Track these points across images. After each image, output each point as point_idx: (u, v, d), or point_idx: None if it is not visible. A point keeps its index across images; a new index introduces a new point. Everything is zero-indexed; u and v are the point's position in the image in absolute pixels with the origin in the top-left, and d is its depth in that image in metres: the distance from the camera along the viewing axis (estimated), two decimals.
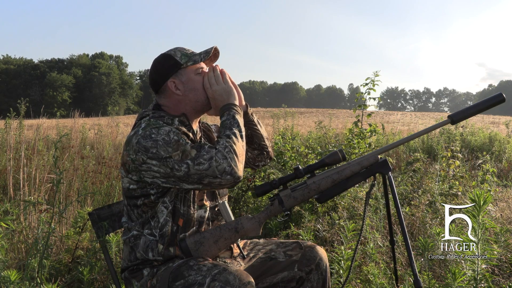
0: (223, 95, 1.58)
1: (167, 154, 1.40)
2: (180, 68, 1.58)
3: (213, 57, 1.66)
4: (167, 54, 1.59)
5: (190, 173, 1.39)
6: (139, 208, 1.53)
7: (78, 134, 7.93)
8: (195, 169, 1.39)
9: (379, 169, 1.63)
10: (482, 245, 1.81)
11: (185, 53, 1.59)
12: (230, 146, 1.43)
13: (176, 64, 1.57)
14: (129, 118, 23.59)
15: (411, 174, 3.87)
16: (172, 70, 1.57)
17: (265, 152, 1.80)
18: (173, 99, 1.59)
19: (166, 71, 1.58)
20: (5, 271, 1.79)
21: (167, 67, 1.58)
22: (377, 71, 4.03)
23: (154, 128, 1.45)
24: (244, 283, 1.34)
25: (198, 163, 1.39)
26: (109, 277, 2.49)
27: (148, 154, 1.41)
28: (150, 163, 1.42)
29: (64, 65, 70.64)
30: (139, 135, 1.44)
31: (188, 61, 1.58)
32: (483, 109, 1.63)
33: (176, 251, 1.52)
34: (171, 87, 1.58)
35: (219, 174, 1.38)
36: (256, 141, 1.77)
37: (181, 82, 1.58)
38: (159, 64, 1.60)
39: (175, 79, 1.58)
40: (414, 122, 20.70)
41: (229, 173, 1.39)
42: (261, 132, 1.77)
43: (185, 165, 1.39)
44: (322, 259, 1.71)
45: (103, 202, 3.97)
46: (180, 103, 1.59)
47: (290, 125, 10.20)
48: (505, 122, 12.23)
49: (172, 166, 1.40)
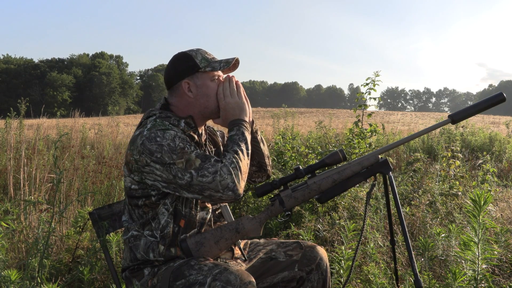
0: (235, 109, 1.57)
1: (171, 161, 1.39)
2: (197, 71, 1.57)
3: (232, 67, 1.65)
4: (188, 54, 1.58)
5: (192, 183, 1.39)
6: (140, 208, 1.53)
7: (78, 134, 7.93)
8: (198, 180, 1.38)
9: (380, 169, 1.63)
10: (483, 245, 1.80)
11: (206, 58, 1.58)
12: (237, 163, 1.43)
13: (194, 66, 1.56)
14: (129, 118, 23.60)
15: (412, 174, 3.86)
16: (189, 71, 1.56)
17: (263, 170, 1.77)
18: (184, 100, 1.59)
19: (183, 70, 1.57)
20: (5, 270, 1.79)
21: (185, 67, 1.57)
22: (378, 71, 4.03)
23: (159, 131, 1.44)
24: (245, 282, 1.33)
25: (202, 174, 1.38)
26: (109, 276, 2.49)
27: (152, 158, 1.41)
28: (153, 166, 1.42)
29: (64, 64, 70.65)
30: (144, 136, 1.44)
31: (207, 66, 1.57)
32: (483, 109, 1.63)
33: (177, 252, 1.52)
34: (185, 88, 1.57)
35: (222, 189, 1.38)
36: (256, 158, 1.74)
37: (195, 85, 1.57)
38: (178, 62, 1.59)
39: (190, 81, 1.57)
40: (414, 122, 20.70)
41: (231, 189, 1.39)
42: (263, 150, 1.74)
43: (188, 174, 1.39)
44: (322, 259, 1.71)
45: (103, 201, 3.97)
46: (190, 106, 1.59)
47: (290, 125, 10.20)
48: (505, 122, 12.22)
49: (175, 174, 1.40)
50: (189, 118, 1.58)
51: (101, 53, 76.05)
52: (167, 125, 1.49)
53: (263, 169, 1.77)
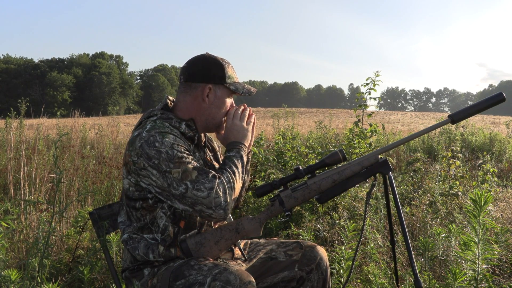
0: (240, 132, 1.60)
1: (168, 169, 1.40)
2: (223, 83, 1.59)
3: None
4: (222, 63, 1.59)
5: (186, 195, 1.40)
6: (138, 211, 1.52)
7: (79, 134, 7.93)
8: (193, 193, 1.39)
9: (380, 169, 1.63)
10: (483, 245, 1.80)
11: (233, 76, 1.61)
12: (233, 183, 1.45)
13: (223, 77, 1.58)
14: (129, 118, 23.59)
15: (412, 174, 3.86)
16: (216, 80, 1.58)
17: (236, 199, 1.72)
18: (197, 102, 1.59)
19: (211, 75, 1.58)
20: (5, 270, 1.79)
21: (214, 73, 1.58)
22: (378, 71, 4.03)
23: (158, 134, 1.44)
24: (245, 282, 1.33)
25: (198, 188, 1.39)
26: (109, 276, 2.49)
27: (149, 163, 1.41)
28: (150, 171, 1.42)
29: (65, 64, 70.63)
30: (143, 139, 1.43)
31: (231, 85, 1.60)
32: (483, 109, 1.63)
33: (177, 252, 1.52)
34: (205, 91, 1.57)
35: (214, 206, 1.39)
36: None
37: (215, 95, 1.59)
38: (209, 65, 1.59)
39: (213, 88, 1.58)
40: (415, 122, 20.71)
41: (222, 208, 1.40)
42: (245, 180, 1.67)
43: (183, 185, 1.39)
44: (322, 258, 1.71)
45: (104, 201, 3.97)
46: (199, 110, 1.59)
47: (290, 125, 10.21)
48: (505, 122, 12.23)
49: (170, 183, 1.40)
50: (190, 121, 1.58)
51: (101, 53, 76.04)
52: (166, 127, 1.48)
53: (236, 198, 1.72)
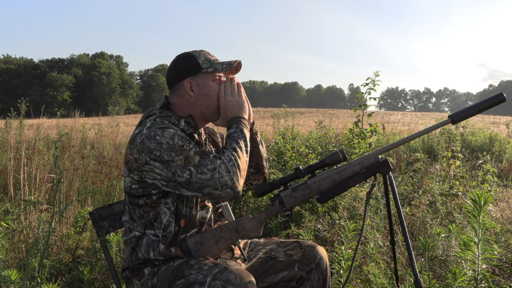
0: (235, 107, 1.58)
1: (170, 158, 1.39)
2: (200, 71, 1.57)
3: (234, 69, 1.66)
4: (191, 54, 1.59)
5: (191, 180, 1.39)
6: (141, 208, 1.52)
7: (79, 134, 7.93)
8: (197, 177, 1.38)
9: (380, 169, 1.63)
10: (483, 245, 1.80)
11: (208, 59, 1.59)
12: (235, 160, 1.42)
13: (197, 66, 1.57)
14: (129, 118, 23.60)
15: (412, 174, 3.86)
16: (191, 71, 1.57)
17: (260, 172, 1.75)
18: (185, 99, 1.59)
19: (185, 70, 1.58)
20: (5, 270, 1.79)
21: (187, 67, 1.58)
22: (378, 71, 4.03)
23: (159, 129, 1.44)
24: (245, 282, 1.33)
25: (201, 172, 1.38)
26: (109, 276, 2.49)
27: (151, 156, 1.41)
28: (152, 165, 1.42)
29: (65, 64, 70.67)
30: (143, 135, 1.44)
31: (209, 67, 1.58)
32: (483, 109, 1.63)
33: (177, 251, 1.52)
34: (186, 87, 1.58)
35: (220, 186, 1.38)
36: (254, 160, 1.71)
37: (197, 85, 1.58)
38: (181, 62, 1.60)
39: (192, 80, 1.58)
40: (415, 122, 20.71)
41: (230, 187, 1.38)
42: (261, 152, 1.72)
43: (187, 171, 1.39)
44: (322, 258, 1.71)
45: (104, 201, 3.97)
46: (191, 106, 1.59)
47: (290, 125, 10.19)
48: (505, 122, 12.22)
49: (175, 171, 1.39)
50: (189, 118, 1.58)
51: (101, 53, 76.06)
52: (166, 124, 1.49)
53: (261, 171, 1.75)
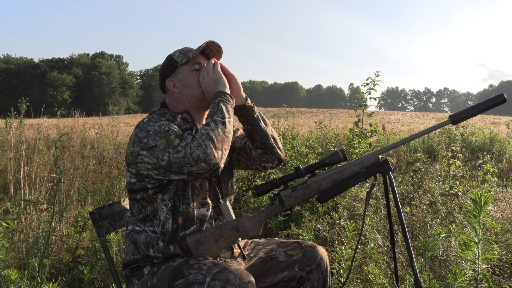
0: (211, 85, 1.57)
1: (154, 143, 1.41)
2: (176, 66, 1.62)
3: (217, 53, 1.68)
4: (169, 55, 1.65)
5: (171, 162, 1.40)
6: (139, 202, 1.54)
7: (79, 134, 7.93)
8: (174, 157, 1.39)
9: (380, 169, 1.63)
10: (483, 245, 1.80)
11: (183, 52, 1.62)
12: (207, 134, 1.40)
13: (173, 63, 1.62)
14: (130, 118, 23.60)
15: (412, 174, 3.86)
16: (170, 70, 1.63)
17: (269, 152, 1.69)
18: (173, 97, 1.64)
19: (166, 71, 1.64)
20: (5, 270, 1.79)
21: (167, 68, 1.64)
22: (378, 71, 4.03)
23: (152, 122, 1.48)
24: (245, 282, 1.33)
25: (177, 151, 1.39)
26: (109, 276, 2.49)
27: (140, 145, 1.44)
28: (142, 154, 1.44)
29: (65, 64, 70.65)
30: (138, 128, 1.49)
31: (184, 59, 1.61)
32: (484, 110, 1.63)
33: (176, 249, 1.52)
34: (170, 86, 1.63)
35: (194, 161, 1.36)
36: (258, 138, 1.66)
37: (178, 80, 1.62)
38: (162, 66, 1.67)
39: (173, 78, 1.62)
40: (415, 122, 20.70)
41: (203, 161, 1.36)
42: (264, 129, 1.66)
43: (167, 154, 1.40)
44: (322, 258, 1.71)
45: (104, 201, 3.97)
46: (179, 101, 1.63)
47: (290, 125, 10.20)
48: (505, 122, 12.23)
49: (158, 156, 1.41)
50: (185, 113, 1.60)
51: (101, 53, 76.06)
52: (162, 120, 1.51)
53: (270, 151, 1.69)
